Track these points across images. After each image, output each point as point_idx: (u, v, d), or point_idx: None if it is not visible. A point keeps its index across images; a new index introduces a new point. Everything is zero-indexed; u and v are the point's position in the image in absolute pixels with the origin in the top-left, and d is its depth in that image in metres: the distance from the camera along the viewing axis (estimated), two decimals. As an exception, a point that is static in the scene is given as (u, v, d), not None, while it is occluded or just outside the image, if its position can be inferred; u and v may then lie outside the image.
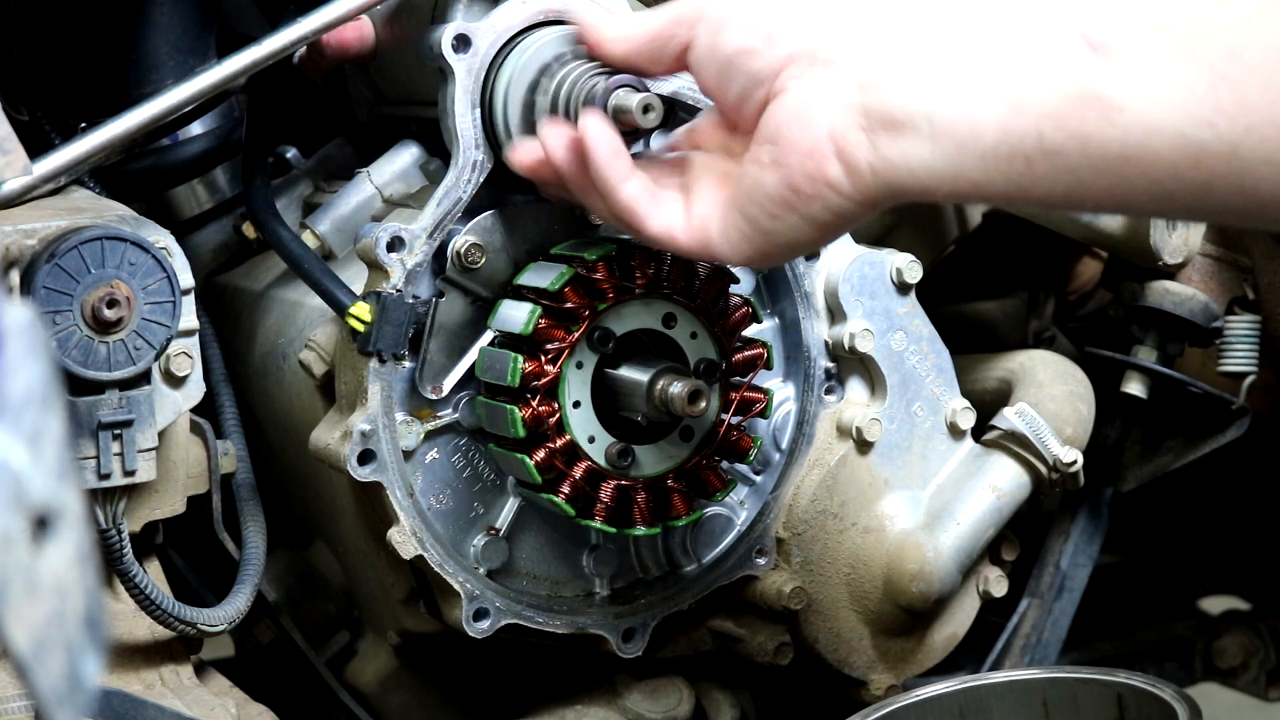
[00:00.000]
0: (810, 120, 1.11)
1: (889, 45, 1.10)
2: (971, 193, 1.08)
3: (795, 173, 1.12)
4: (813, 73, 1.12)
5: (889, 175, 1.09)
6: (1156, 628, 2.05)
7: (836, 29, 1.12)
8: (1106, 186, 1.04)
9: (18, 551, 0.69)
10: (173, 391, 1.34)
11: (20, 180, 1.28)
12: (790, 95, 1.13)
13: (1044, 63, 1.04)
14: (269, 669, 1.63)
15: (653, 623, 1.48)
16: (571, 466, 1.36)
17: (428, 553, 1.39)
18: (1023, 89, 1.04)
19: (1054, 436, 1.57)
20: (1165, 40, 1.00)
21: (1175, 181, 1.01)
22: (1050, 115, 1.03)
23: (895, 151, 1.08)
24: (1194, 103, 0.99)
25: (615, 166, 1.22)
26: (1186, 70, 0.99)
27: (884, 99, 1.08)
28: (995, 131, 1.05)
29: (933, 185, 1.09)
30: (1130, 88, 1.01)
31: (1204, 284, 1.67)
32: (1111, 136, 1.01)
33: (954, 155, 1.06)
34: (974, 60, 1.06)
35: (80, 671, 0.72)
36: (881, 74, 1.09)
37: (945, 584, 1.52)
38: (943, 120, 1.06)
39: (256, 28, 1.61)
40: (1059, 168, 1.04)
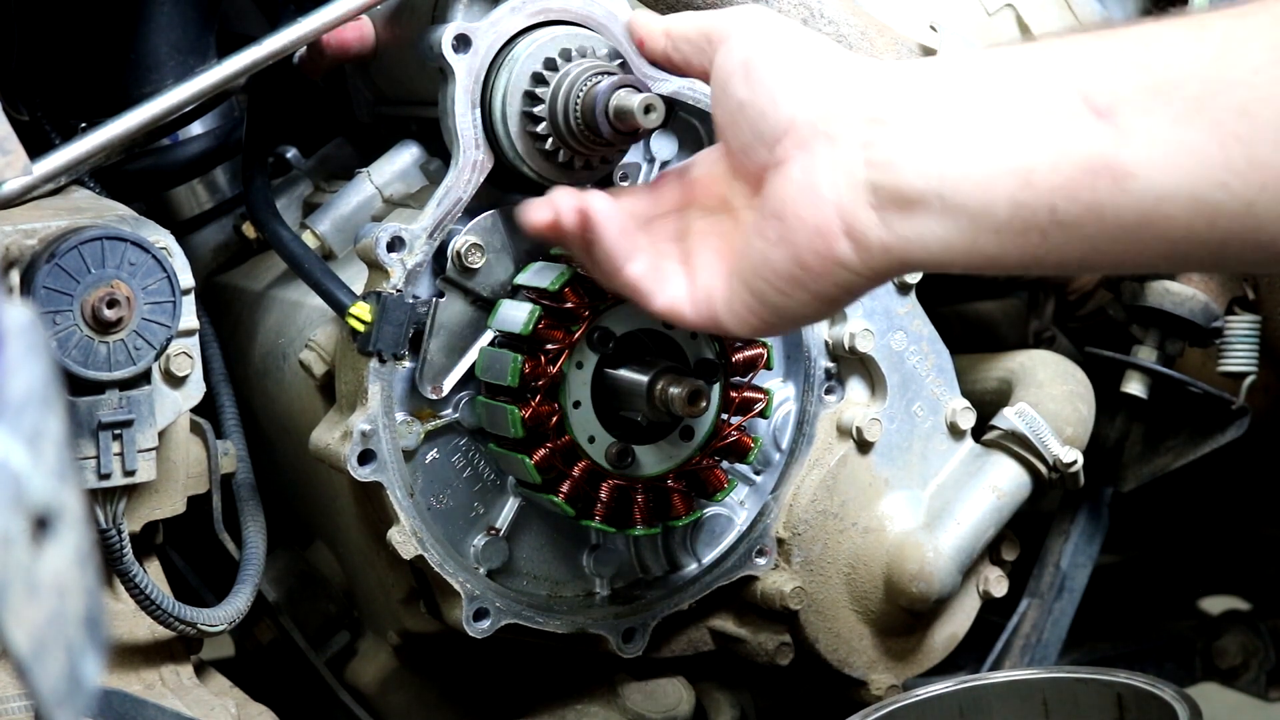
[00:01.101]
0: (817, 198, 1.09)
1: (894, 117, 1.07)
2: (986, 265, 1.07)
3: (804, 251, 1.10)
4: (817, 146, 1.09)
5: (901, 251, 1.07)
6: (1156, 628, 2.05)
7: (841, 100, 1.09)
8: (1121, 251, 1.02)
9: (18, 551, 0.69)
10: (173, 391, 1.34)
11: (20, 180, 1.28)
12: (794, 169, 1.10)
13: (1051, 132, 1.01)
14: (269, 669, 1.63)
15: (653, 623, 1.48)
16: (571, 466, 1.36)
17: (428, 553, 1.39)
18: (1032, 160, 1.02)
19: (1054, 436, 1.57)
20: (1170, 101, 0.98)
21: (1191, 243, 1.00)
22: (1062, 187, 1.01)
23: (908, 229, 1.06)
24: (1205, 164, 0.97)
25: (620, 247, 1.20)
26: (1195, 131, 0.98)
27: (894, 175, 1.06)
28: (1008, 207, 1.03)
29: (947, 259, 1.07)
30: (1139, 153, 0.99)
31: (1204, 284, 1.67)
32: (1125, 205, 1.00)
33: (967, 231, 1.04)
34: (981, 132, 1.04)
35: (80, 671, 0.72)
36: (889, 148, 1.06)
37: (945, 584, 1.52)
38: (954, 197, 1.04)
39: (256, 28, 1.61)
40: (1074, 238, 1.02)
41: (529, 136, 1.35)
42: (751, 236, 1.14)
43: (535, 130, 1.34)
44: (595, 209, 1.20)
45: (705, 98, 1.41)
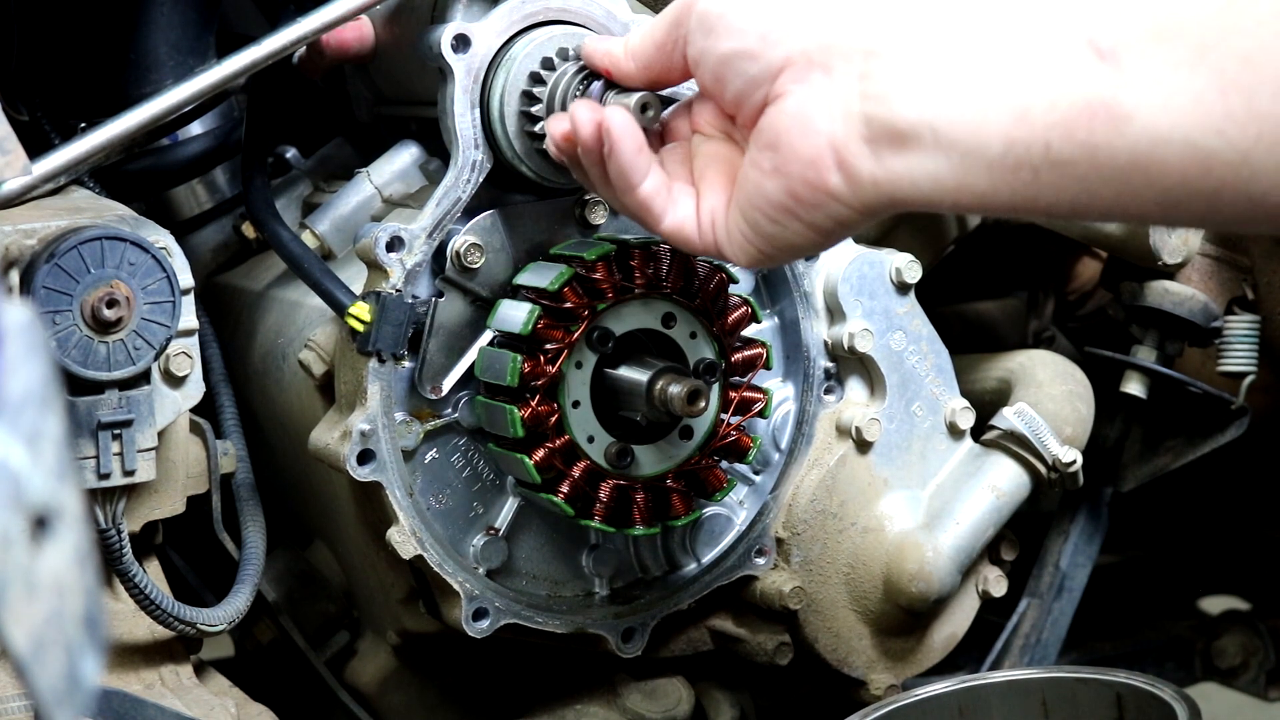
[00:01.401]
0: (811, 128, 1.09)
1: (891, 50, 1.07)
2: (975, 204, 1.07)
3: (796, 181, 1.11)
4: (812, 78, 1.09)
5: (891, 186, 1.08)
6: (1156, 628, 2.05)
7: (837, 32, 1.10)
8: (1114, 196, 1.02)
9: (17, 551, 0.69)
10: (172, 391, 1.34)
11: (20, 180, 1.28)
12: (789, 101, 1.11)
13: (1051, 71, 1.02)
14: (269, 669, 1.63)
15: (652, 623, 1.48)
16: (571, 466, 1.36)
17: (427, 553, 1.39)
18: (1029, 98, 1.02)
19: (1053, 436, 1.57)
20: (1174, 47, 0.99)
21: (1184, 190, 1.00)
22: (1058, 125, 1.01)
23: (899, 163, 1.07)
24: (1204, 110, 0.97)
25: (636, 163, 1.21)
26: (1196, 77, 0.98)
27: (887, 108, 1.06)
28: (1001, 142, 1.03)
29: (936, 196, 1.07)
30: (1139, 96, 0.99)
31: (1203, 284, 1.67)
32: (1120, 146, 1.00)
33: (959, 167, 1.05)
34: (979, 68, 1.04)
35: (80, 671, 0.72)
36: (884, 81, 1.07)
37: (945, 584, 1.52)
38: (947, 131, 1.04)
39: (256, 28, 1.61)
40: (1066, 177, 1.02)
41: (528, 136, 1.35)
42: (747, 167, 1.15)
43: (534, 130, 1.34)
44: (614, 123, 1.20)
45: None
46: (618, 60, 1.25)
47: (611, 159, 1.21)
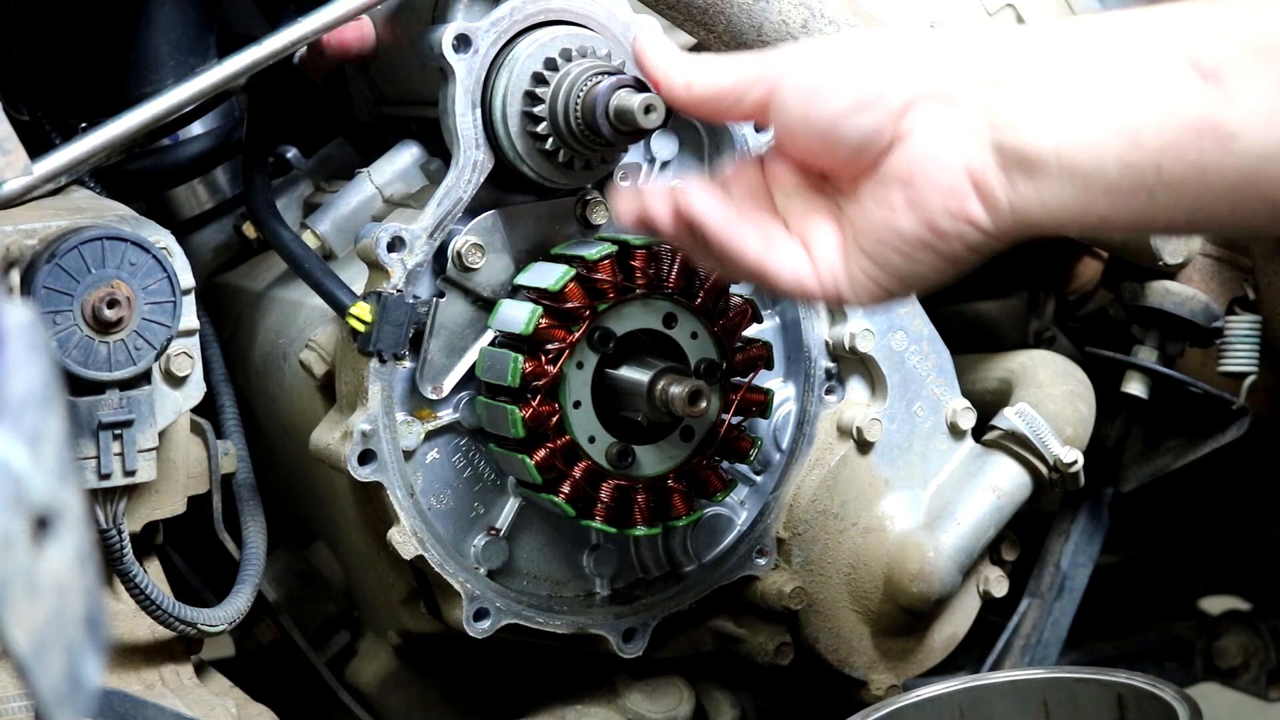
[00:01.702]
0: (947, 160, 1.10)
1: (1011, 81, 1.09)
2: (1100, 225, 1.09)
3: (936, 213, 1.10)
4: (939, 113, 1.10)
5: (1026, 212, 1.09)
6: (1156, 628, 2.05)
7: (955, 68, 1.11)
8: (1228, 212, 1.04)
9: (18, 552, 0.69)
10: (173, 391, 1.34)
11: (20, 180, 1.28)
12: (919, 137, 1.10)
13: (1157, 94, 1.04)
14: (269, 669, 1.63)
15: (653, 623, 1.48)
16: (572, 466, 1.36)
17: (428, 553, 1.39)
18: (1139, 121, 1.04)
19: (1054, 436, 1.57)
20: (1275, 63, 1.01)
21: None
22: (1168, 147, 1.03)
23: (1030, 189, 1.08)
24: None
25: (733, 233, 1.18)
26: None
27: (1015, 136, 1.08)
28: (1117, 166, 1.05)
29: (1065, 220, 1.09)
30: (1243, 114, 1.01)
31: (1204, 284, 1.67)
32: (1228, 164, 1.02)
33: (1081, 192, 1.06)
34: (1091, 94, 1.06)
35: (80, 671, 0.72)
36: (1009, 111, 1.08)
37: (945, 584, 1.52)
38: (1069, 157, 1.06)
39: (256, 28, 1.61)
40: (1181, 197, 1.04)
41: (529, 136, 1.35)
42: (872, 207, 1.13)
43: (535, 130, 1.34)
44: (699, 209, 1.18)
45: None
46: (670, 81, 1.22)
47: (710, 240, 1.18)
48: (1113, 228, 1.09)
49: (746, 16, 1.43)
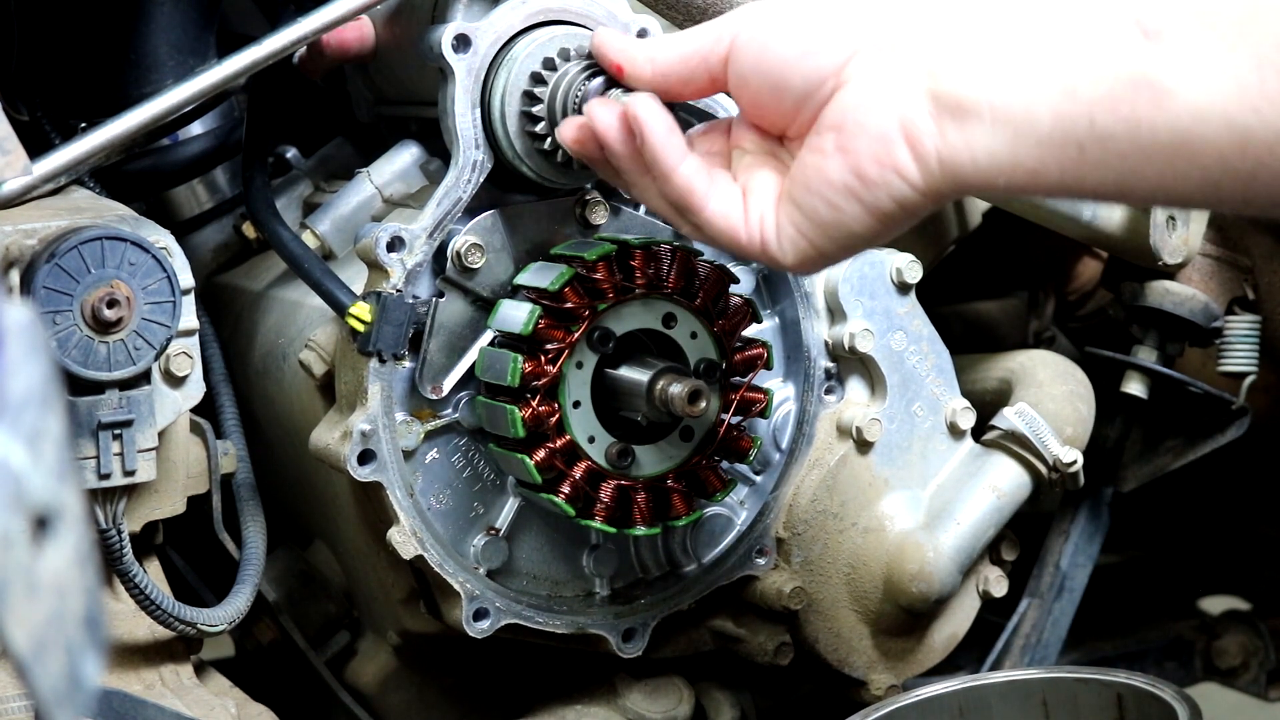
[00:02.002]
0: (880, 105, 1.10)
1: (952, 33, 1.10)
2: (1028, 182, 1.08)
3: (863, 158, 1.11)
4: (878, 61, 1.11)
5: (953, 164, 1.09)
6: (1156, 628, 2.05)
7: (899, 22, 1.12)
8: (1157, 174, 1.04)
9: (18, 551, 0.69)
10: (173, 391, 1.34)
11: (20, 180, 1.28)
12: (857, 83, 1.12)
13: (1098, 49, 1.04)
14: (269, 669, 1.63)
15: (653, 623, 1.48)
16: (571, 466, 1.36)
17: (428, 553, 1.39)
18: (1077, 75, 1.05)
19: (1054, 436, 1.57)
20: (1216, 28, 1.01)
21: (1223, 170, 1.02)
22: (1102, 100, 1.04)
23: (959, 139, 1.08)
24: (1241, 89, 1.00)
25: (671, 144, 1.19)
26: (1235, 58, 1.00)
27: (951, 85, 1.08)
28: (1050, 117, 1.05)
29: (993, 174, 1.09)
30: (1180, 73, 1.02)
31: (1204, 284, 1.67)
32: (1161, 122, 1.02)
33: (1012, 142, 1.07)
34: (1031, 47, 1.07)
35: (80, 671, 0.72)
36: (947, 59, 1.09)
37: (945, 584, 1.52)
38: (1002, 106, 1.07)
39: (256, 28, 1.61)
40: (1110, 154, 1.04)
41: (528, 136, 1.35)
42: (805, 154, 1.15)
43: (534, 130, 1.34)
44: (640, 108, 1.19)
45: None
46: (633, 60, 1.24)
47: (646, 145, 1.19)
48: (1041, 184, 1.09)
49: (746, 16, 1.42)
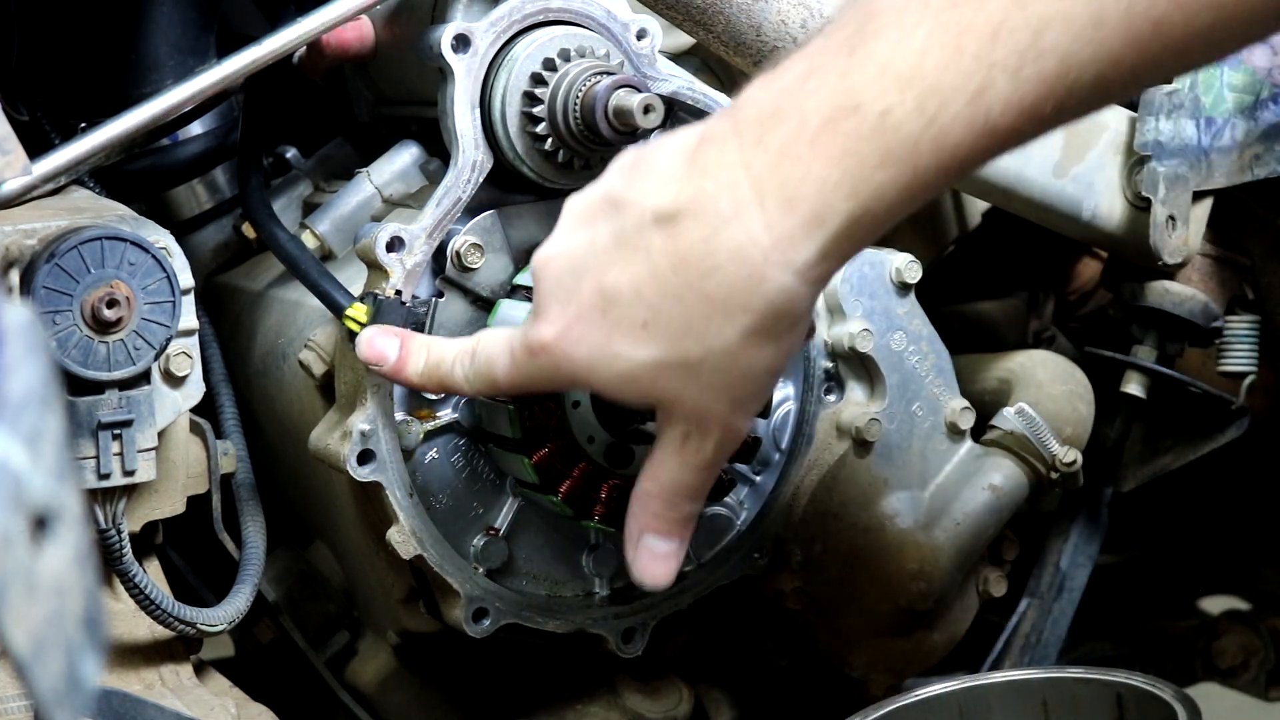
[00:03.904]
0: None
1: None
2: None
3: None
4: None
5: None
6: (1156, 628, 2.05)
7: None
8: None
9: (17, 551, 0.69)
10: (173, 391, 1.34)
11: (20, 180, 1.28)
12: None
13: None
14: (269, 669, 1.63)
15: (653, 623, 1.48)
16: (571, 466, 1.36)
17: (427, 553, 1.39)
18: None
19: (1053, 436, 1.57)
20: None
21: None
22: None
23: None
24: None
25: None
26: None
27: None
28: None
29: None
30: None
31: (1204, 284, 1.67)
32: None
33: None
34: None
35: (80, 671, 0.72)
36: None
37: (945, 584, 1.52)
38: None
39: (256, 28, 1.61)
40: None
41: (528, 137, 1.35)
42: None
43: (535, 130, 1.34)
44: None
45: (704, 97, 1.41)
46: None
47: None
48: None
49: (745, 17, 1.43)
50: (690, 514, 1.20)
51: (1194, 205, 1.60)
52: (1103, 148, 1.59)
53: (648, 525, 1.19)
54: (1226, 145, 1.59)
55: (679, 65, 1.42)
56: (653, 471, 1.18)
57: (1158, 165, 1.57)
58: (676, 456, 1.15)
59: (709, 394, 1.11)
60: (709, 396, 1.11)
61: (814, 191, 1.03)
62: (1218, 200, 1.62)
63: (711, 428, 1.13)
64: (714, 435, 1.14)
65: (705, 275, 1.06)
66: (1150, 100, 1.57)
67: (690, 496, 1.18)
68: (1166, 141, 1.57)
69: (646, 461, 1.19)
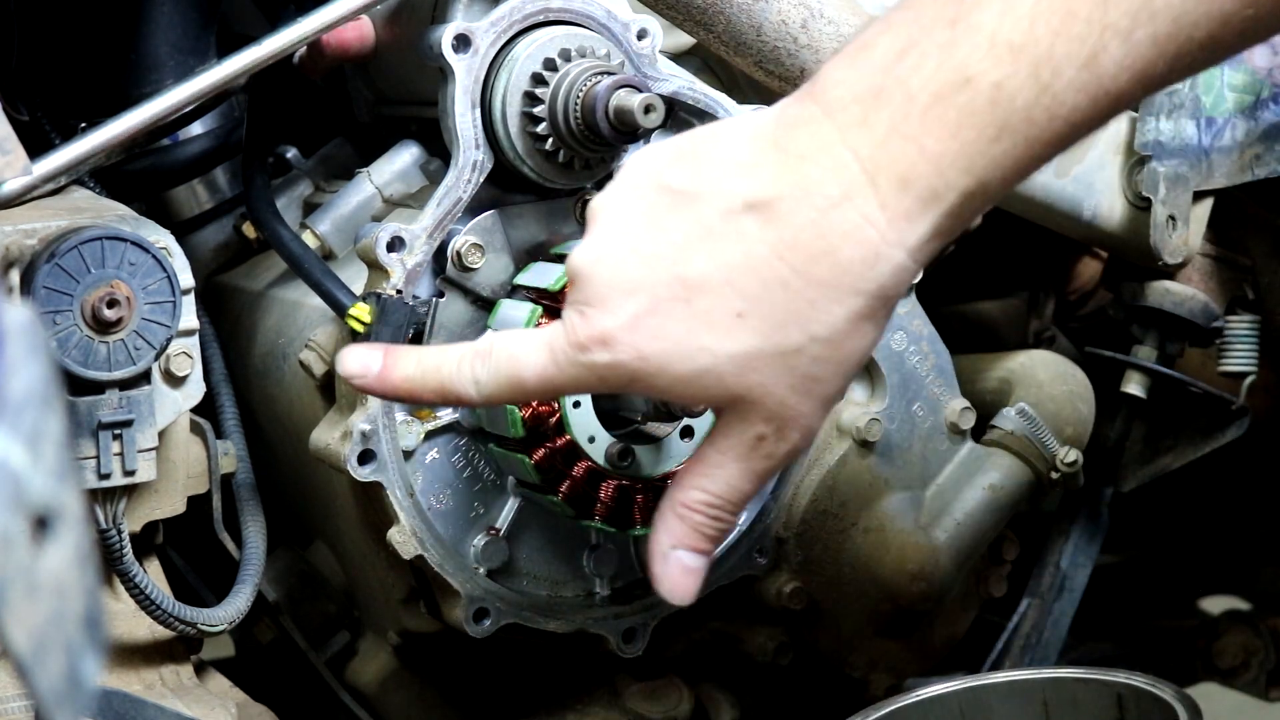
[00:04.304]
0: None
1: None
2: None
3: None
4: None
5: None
6: (1156, 628, 2.05)
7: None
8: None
9: (18, 552, 0.69)
10: (173, 391, 1.34)
11: (20, 180, 1.28)
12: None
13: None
14: (269, 669, 1.63)
15: (653, 623, 1.48)
16: (571, 466, 1.36)
17: (428, 553, 1.39)
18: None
19: (1054, 436, 1.57)
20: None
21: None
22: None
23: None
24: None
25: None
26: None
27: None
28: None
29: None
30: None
31: (1204, 284, 1.67)
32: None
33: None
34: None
35: (80, 672, 0.72)
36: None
37: (945, 584, 1.52)
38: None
39: (256, 28, 1.61)
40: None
41: (529, 137, 1.35)
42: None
43: (535, 130, 1.34)
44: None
45: (705, 97, 1.41)
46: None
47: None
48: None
49: (746, 16, 1.43)
50: (733, 527, 1.14)
51: (1194, 205, 1.60)
52: (1103, 148, 1.59)
53: (684, 540, 1.11)
54: (1227, 145, 1.59)
55: (680, 65, 1.42)
56: (702, 479, 1.10)
57: (1158, 165, 1.57)
58: (742, 462, 1.08)
59: (800, 389, 1.05)
60: (799, 392, 1.05)
61: (929, 169, 1.01)
62: (1218, 200, 1.62)
63: (791, 429, 1.07)
64: (792, 438, 1.07)
65: (815, 259, 1.02)
66: (1151, 100, 1.57)
67: (741, 507, 1.12)
68: (1167, 141, 1.57)
69: (689, 468, 1.12)
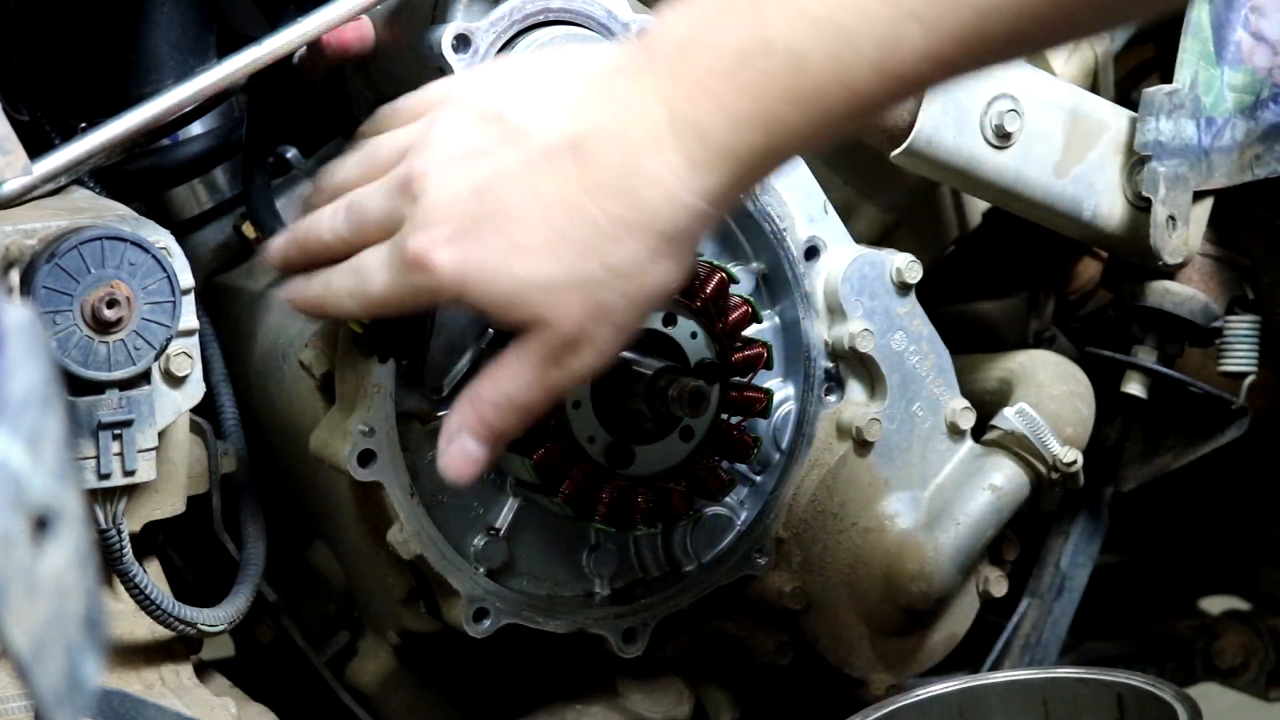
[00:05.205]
0: None
1: None
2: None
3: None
4: None
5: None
6: (1156, 628, 2.05)
7: None
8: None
9: (18, 552, 0.69)
10: (173, 391, 1.34)
11: (20, 180, 1.28)
12: None
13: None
14: (269, 669, 1.63)
15: (653, 623, 1.48)
16: (571, 466, 1.36)
17: (428, 553, 1.39)
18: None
19: (1054, 436, 1.56)
20: None
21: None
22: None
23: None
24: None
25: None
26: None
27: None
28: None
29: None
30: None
31: (1204, 284, 1.67)
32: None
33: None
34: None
35: (80, 672, 0.72)
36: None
37: (945, 584, 1.52)
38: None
39: (256, 28, 1.61)
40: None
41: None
42: None
43: (535, 130, 1.34)
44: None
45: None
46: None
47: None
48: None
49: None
50: (514, 432, 1.21)
51: (1194, 205, 1.60)
52: (1103, 148, 1.58)
53: (471, 425, 1.19)
54: (1227, 145, 1.59)
55: (679, 65, 1.42)
56: (500, 380, 1.18)
57: (1158, 165, 1.57)
58: (537, 369, 1.16)
59: (596, 315, 1.13)
60: (595, 319, 1.14)
61: (727, 127, 1.07)
62: (1218, 200, 1.62)
63: (586, 349, 1.15)
64: (586, 357, 1.15)
65: (618, 197, 1.10)
66: (1151, 100, 1.57)
67: (526, 414, 1.19)
68: (1167, 141, 1.57)
69: (492, 368, 1.19)
